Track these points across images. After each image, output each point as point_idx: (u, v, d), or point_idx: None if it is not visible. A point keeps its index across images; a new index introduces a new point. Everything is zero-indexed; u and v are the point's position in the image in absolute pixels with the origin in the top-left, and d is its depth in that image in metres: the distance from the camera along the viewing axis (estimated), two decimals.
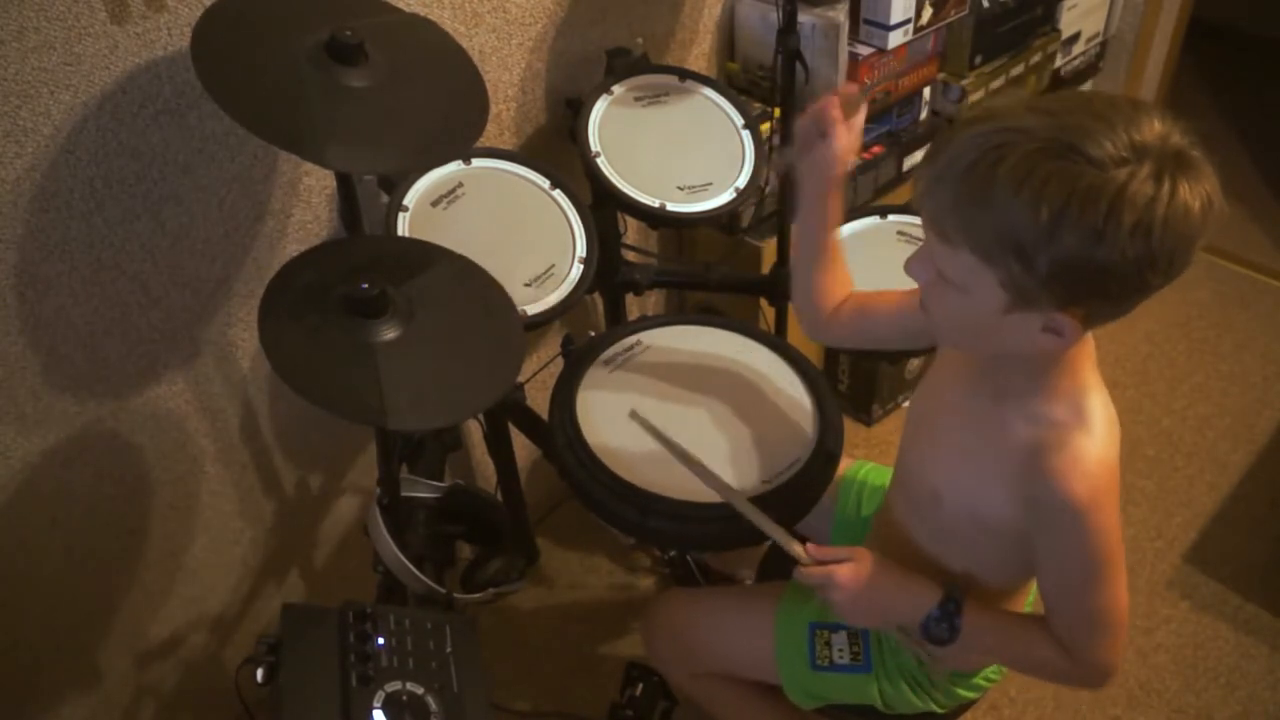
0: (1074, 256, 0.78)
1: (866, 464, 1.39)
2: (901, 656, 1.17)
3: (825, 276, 1.16)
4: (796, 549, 1.05)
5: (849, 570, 1.02)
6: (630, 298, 1.80)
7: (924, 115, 2.03)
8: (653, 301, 2.09)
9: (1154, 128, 0.78)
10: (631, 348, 1.37)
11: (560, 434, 1.24)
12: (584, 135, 1.49)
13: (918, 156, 2.01)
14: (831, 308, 1.18)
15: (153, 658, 1.59)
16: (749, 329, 1.40)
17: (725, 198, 1.53)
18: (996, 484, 0.97)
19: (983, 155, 0.79)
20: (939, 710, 1.20)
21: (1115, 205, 0.76)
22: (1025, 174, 0.77)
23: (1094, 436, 0.91)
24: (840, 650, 1.19)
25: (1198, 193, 0.78)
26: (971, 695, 1.21)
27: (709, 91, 1.62)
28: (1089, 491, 0.90)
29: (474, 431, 1.82)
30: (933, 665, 1.15)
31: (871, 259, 1.49)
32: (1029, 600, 1.19)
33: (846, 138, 1.05)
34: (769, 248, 1.86)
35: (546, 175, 1.46)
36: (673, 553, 1.68)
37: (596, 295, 1.83)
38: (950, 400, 1.07)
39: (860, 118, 1.07)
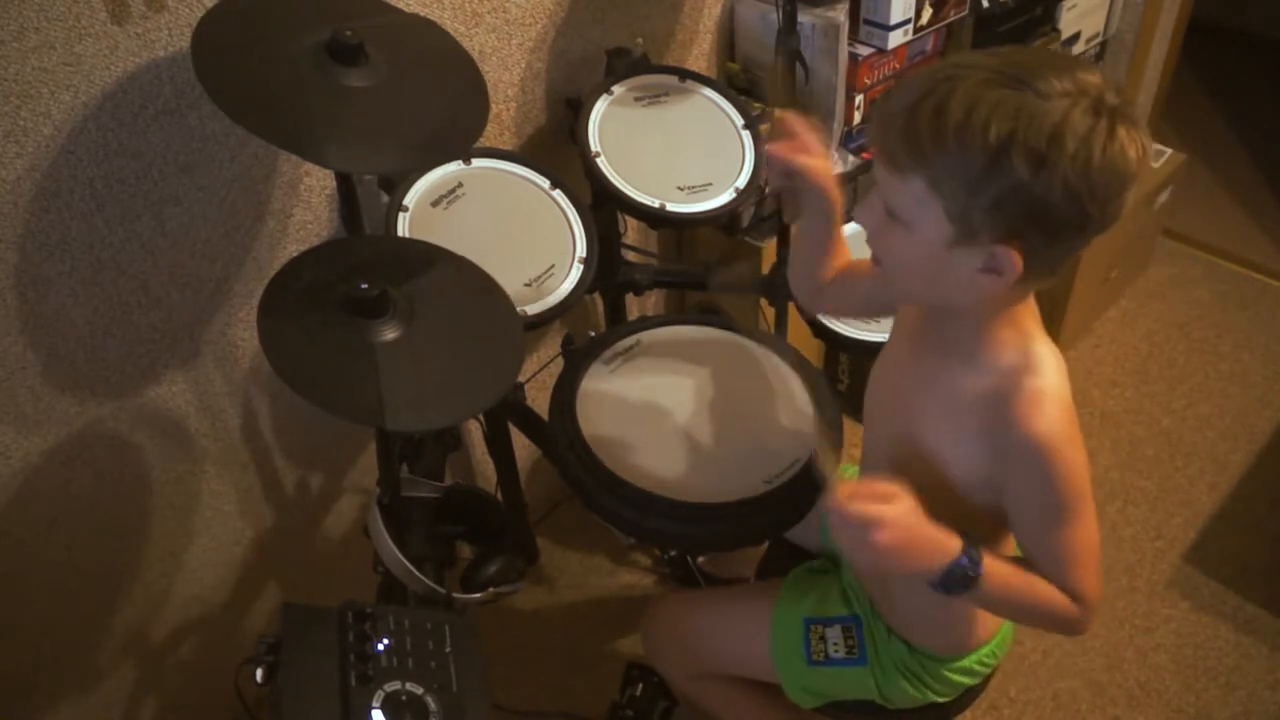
0: (1017, 182, 0.81)
1: (854, 466, 1.39)
2: (895, 647, 1.17)
3: (828, 260, 1.20)
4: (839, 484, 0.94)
5: (895, 510, 0.90)
6: (630, 298, 1.80)
7: None
8: (653, 301, 2.09)
9: (1096, 77, 0.84)
10: (631, 348, 1.37)
11: (560, 434, 1.24)
12: (584, 135, 1.49)
13: None
14: (827, 281, 1.20)
15: (153, 658, 1.59)
16: (749, 329, 1.40)
17: (725, 198, 1.53)
18: (963, 438, 0.98)
19: (936, 85, 0.84)
20: (940, 700, 1.20)
21: (1059, 130, 0.80)
22: (974, 100, 0.82)
23: (1045, 377, 0.94)
24: (835, 644, 1.19)
25: (1133, 138, 0.83)
26: (970, 681, 1.20)
27: (709, 91, 1.62)
28: (1051, 431, 0.92)
29: (474, 431, 1.82)
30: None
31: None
32: None
33: (811, 161, 1.06)
34: (769, 248, 1.86)
35: (546, 175, 1.46)
36: (672, 553, 1.68)
37: (596, 295, 1.83)
38: (900, 364, 1.10)
39: (805, 134, 1.06)
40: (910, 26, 1.80)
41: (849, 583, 1.24)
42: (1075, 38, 2.31)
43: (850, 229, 1.55)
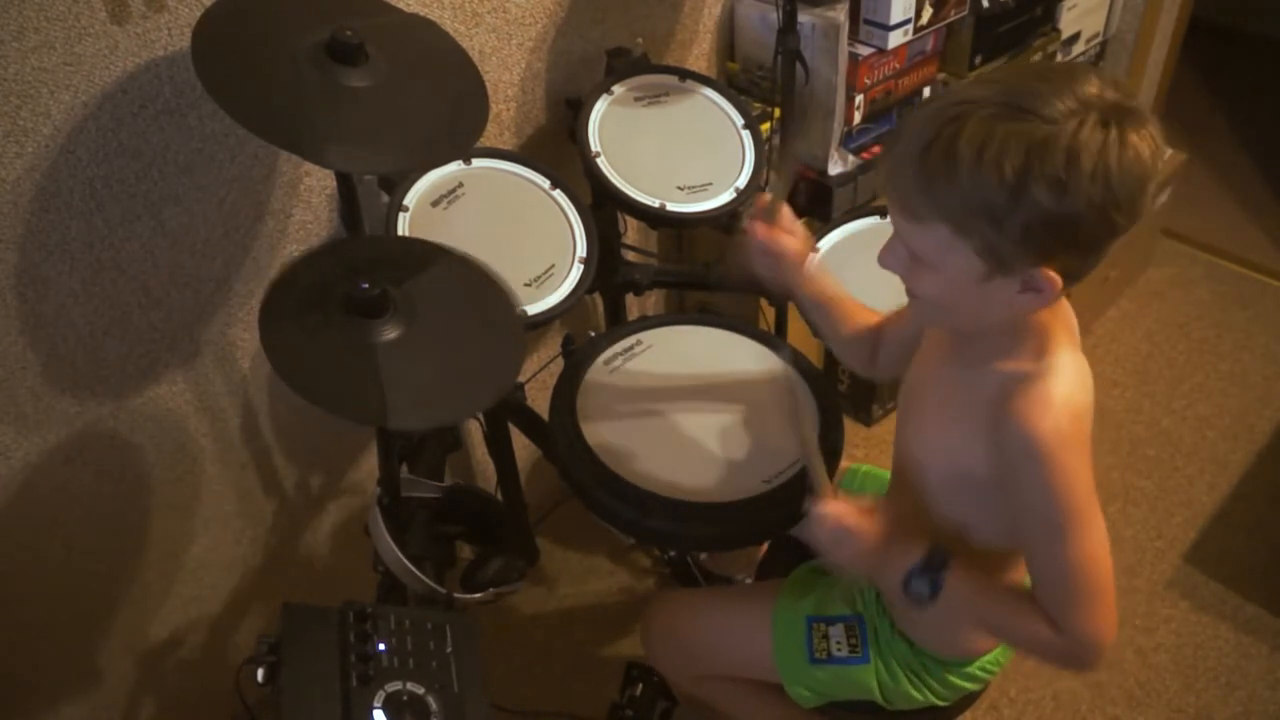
0: (1043, 210, 0.81)
1: (864, 466, 1.40)
2: (897, 645, 1.17)
3: (846, 328, 1.21)
4: (829, 488, 1.06)
5: (855, 515, 1.02)
6: (630, 298, 1.80)
7: None
8: (653, 301, 2.09)
9: (1094, 84, 0.83)
10: (631, 348, 1.37)
11: (560, 434, 1.24)
12: (584, 135, 1.49)
13: None
14: (871, 346, 1.22)
15: (153, 658, 1.59)
16: (749, 329, 1.40)
17: (725, 198, 1.53)
18: (972, 440, 0.98)
19: (940, 129, 0.83)
20: (940, 703, 1.20)
21: (1073, 153, 0.80)
22: (984, 138, 0.81)
23: (1060, 382, 0.92)
24: (838, 642, 1.19)
25: (1144, 136, 0.82)
26: (972, 686, 1.20)
27: (709, 91, 1.62)
28: (1052, 430, 0.90)
29: (474, 431, 1.82)
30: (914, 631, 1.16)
31: (872, 260, 1.49)
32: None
33: (790, 240, 1.15)
34: None
35: (546, 175, 1.46)
36: (672, 553, 1.68)
37: (596, 295, 1.84)
38: (930, 373, 1.09)
39: (785, 213, 1.16)
40: (910, 26, 1.80)
41: (852, 581, 1.24)
42: (1075, 38, 2.31)
43: (846, 229, 1.56)
